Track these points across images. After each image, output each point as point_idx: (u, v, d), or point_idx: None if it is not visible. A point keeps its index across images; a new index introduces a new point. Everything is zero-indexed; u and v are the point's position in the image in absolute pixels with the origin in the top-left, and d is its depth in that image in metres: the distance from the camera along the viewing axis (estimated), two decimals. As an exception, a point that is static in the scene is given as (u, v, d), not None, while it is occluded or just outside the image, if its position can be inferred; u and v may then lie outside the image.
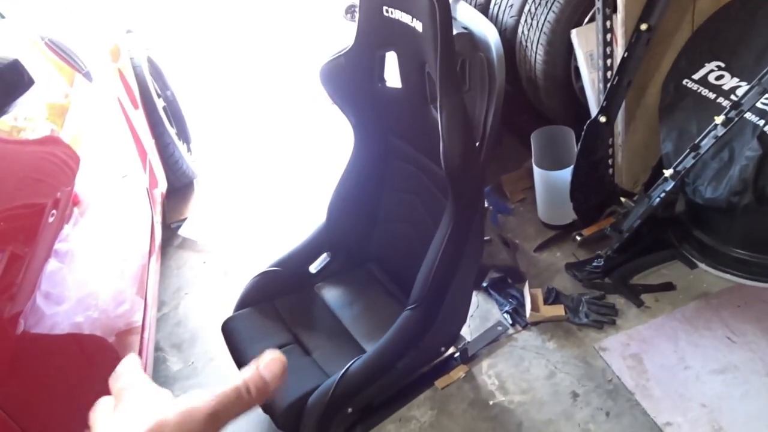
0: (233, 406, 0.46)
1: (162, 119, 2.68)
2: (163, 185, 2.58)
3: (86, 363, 1.43)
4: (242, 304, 1.74)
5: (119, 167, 2.02)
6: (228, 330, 1.67)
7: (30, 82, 1.14)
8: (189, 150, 3.08)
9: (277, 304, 1.76)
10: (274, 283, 1.78)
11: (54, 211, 1.40)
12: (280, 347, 1.61)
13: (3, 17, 1.88)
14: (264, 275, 1.78)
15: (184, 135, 3.08)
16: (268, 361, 0.50)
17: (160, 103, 2.74)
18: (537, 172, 2.21)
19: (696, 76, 1.94)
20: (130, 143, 2.19)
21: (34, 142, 1.52)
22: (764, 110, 1.76)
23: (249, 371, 0.48)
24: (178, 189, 2.90)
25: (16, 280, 1.21)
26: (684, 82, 1.96)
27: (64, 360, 1.35)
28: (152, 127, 2.59)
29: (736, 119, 1.69)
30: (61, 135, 1.61)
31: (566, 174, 2.10)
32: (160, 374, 2.07)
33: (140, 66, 2.65)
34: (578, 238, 2.13)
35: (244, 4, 5.73)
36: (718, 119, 1.72)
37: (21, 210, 1.34)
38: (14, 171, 1.39)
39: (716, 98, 1.87)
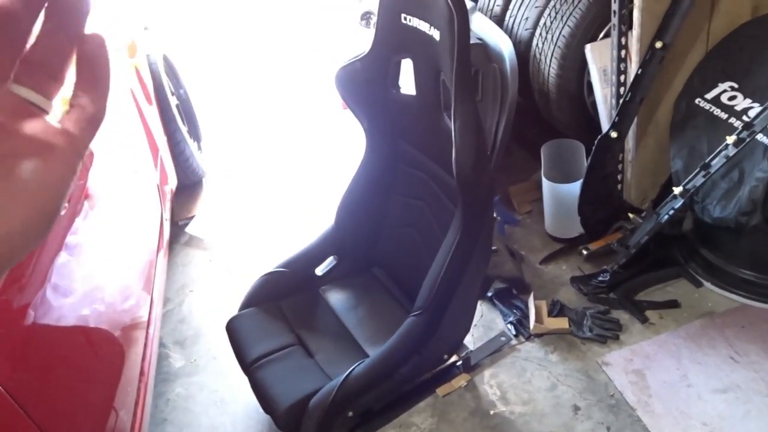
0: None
1: (175, 117, 2.70)
2: (173, 182, 2.59)
3: (91, 355, 1.44)
4: (247, 304, 1.75)
5: (131, 163, 2.03)
6: (232, 328, 1.68)
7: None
8: (199, 148, 3.10)
9: (282, 304, 1.76)
10: (280, 283, 1.79)
11: (65, 204, 1.42)
12: (283, 348, 1.62)
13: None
14: (270, 276, 1.79)
15: (195, 133, 3.10)
16: None
17: (173, 101, 2.76)
18: (546, 184, 2.22)
19: (708, 96, 1.95)
20: (142, 139, 2.21)
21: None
22: (775, 132, 1.77)
23: None
24: (188, 187, 2.92)
25: (27, 271, 1.22)
26: (696, 101, 1.97)
27: (70, 351, 1.36)
28: (165, 125, 2.61)
29: (748, 140, 1.69)
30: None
31: (575, 187, 2.11)
32: (162, 371, 2.08)
33: (156, 63, 2.67)
34: (584, 251, 2.13)
35: (260, 6, 5.76)
36: (730, 139, 1.72)
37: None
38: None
39: (728, 118, 1.87)
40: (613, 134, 2.00)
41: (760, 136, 1.76)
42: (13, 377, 1.07)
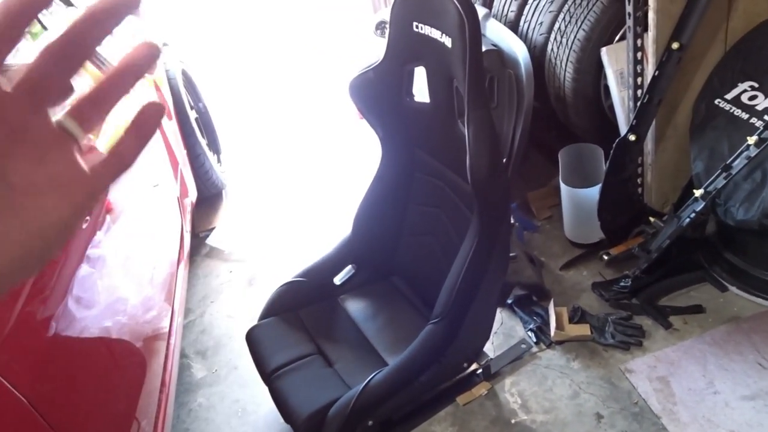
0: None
1: (194, 130, 2.74)
2: (193, 195, 2.62)
3: (114, 366, 1.46)
4: (267, 314, 1.76)
5: (152, 176, 2.06)
6: (252, 338, 1.69)
7: (71, 91, 1.18)
8: (219, 161, 3.14)
9: (301, 314, 1.77)
10: (299, 293, 1.80)
11: (87, 218, 1.44)
12: (302, 357, 1.62)
13: (46, 29, 1.95)
14: (289, 285, 1.80)
15: (214, 146, 3.14)
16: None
17: (192, 115, 2.80)
18: (564, 189, 2.20)
19: (728, 96, 1.92)
20: (162, 153, 2.24)
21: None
22: (799, 131, 1.73)
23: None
24: (208, 199, 2.95)
25: (49, 284, 1.25)
26: (716, 101, 1.94)
27: (93, 363, 1.38)
28: (184, 138, 2.65)
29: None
30: (95, 143, 1.66)
31: (594, 192, 2.09)
32: (184, 381, 2.10)
33: (175, 78, 2.71)
34: (605, 257, 2.11)
35: (276, 19, 5.83)
36: (751, 140, 1.69)
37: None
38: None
39: (749, 118, 1.84)
40: (632, 137, 1.98)
41: (782, 136, 1.72)
42: (36, 388, 1.09)
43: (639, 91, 1.99)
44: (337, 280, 1.90)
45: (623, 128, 2.09)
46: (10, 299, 1.11)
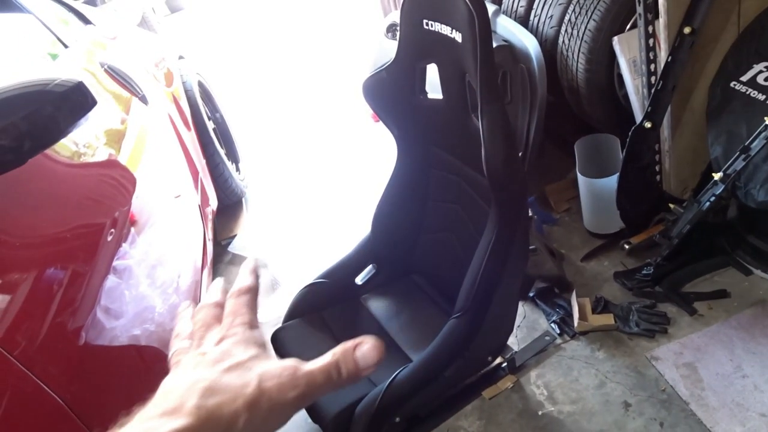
0: (320, 387, 0.46)
1: (212, 140, 2.78)
2: (213, 203, 2.67)
3: (145, 371, 1.49)
4: (291, 315, 1.78)
5: (173, 187, 2.10)
6: (277, 340, 1.71)
7: (93, 103, 1.21)
8: (238, 169, 3.18)
9: (324, 315, 1.79)
10: (322, 294, 1.82)
11: (112, 230, 1.48)
12: (328, 357, 1.64)
13: (67, 46, 2.00)
14: (311, 287, 1.82)
15: (233, 155, 3.19)
16: (366, 349, 0.47)
17: (210, 125, 2.84)
18: (582, 180, 2.19)
19: (744, 78, 1.90)
20: (182, 163, 2.28)
21: (93, 165, 1.61)
22: (818, 110, 1.71)
23: (344, 353, 0.47)
24: (228, 207, 2.99)
25: (78, 296, 1.28)
26: (732, 84, 1.92)
27: (125, 368, 1.42)
28: (203, 148, 2.69)
29: (787, 120, 1.64)
30: (118, 158, 1.70)
31: (612, 182, 2.08)
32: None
33: (192, 90, 2.76)
34: (626, 246, 2.10)
35: (287, 25, 5.89)
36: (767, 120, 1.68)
37: (82, 230, 1.41)
38: (75, 193, 1.47)
39: (766, 99, 1.82)
40: (647, 124, 1.97)
41: (800, 116, 1.71)
42: (72, 391, 1.12)
43: (653, 78, 1.98)
44: (359, 280, 1.92)
45: (639, 116, 2.08)
46: (40, 312, 1.15)
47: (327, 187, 3.12)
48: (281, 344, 1.69)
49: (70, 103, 1.14)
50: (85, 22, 2.43)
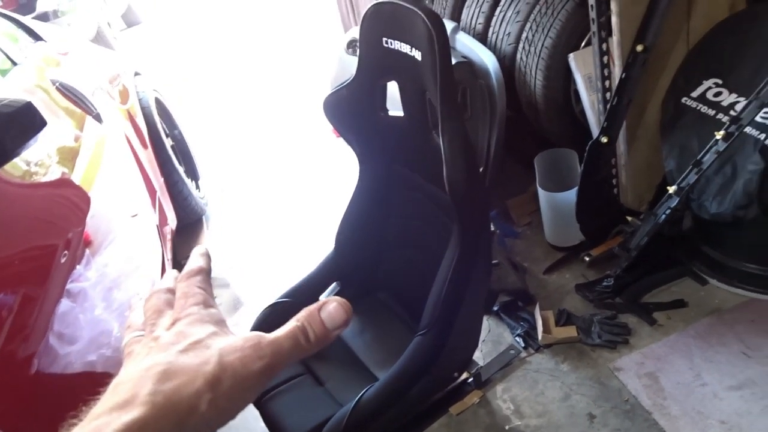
0: (288, 354, 0.43)
1: (171, 158, 2.73)
2: (173, 222, 2.61)
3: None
4: (254, 337, 1.74)
5: (130, 206, 2.05)
6: (240, 363, 1.67)
7: (42, 124, 1.17)
8: (197, 187, 3.13)
9: (288, 335, 1.76)
10: (285, 314, 1.76)
11: (66, 252, 1.43)
12: (292, 378, 1.61)
13: (16, 64, 1.94)
14: (275, 306, 1.79)
15: (192, 172, 3.13)
16: (332, 308, 0.46)
17: (168, 142, 2.79)
18: (542, 194, 2.22)
19: (694, 94, 1.97)
20: (139, 182, 2.23)
21: (45, 185, 1.56)
22: (764, 124, 1.78)
23: (309, 316, 0.45)
24: (188, 225, 2.93)
25: (29, 322, 1.23)
26: (683, 100, 1.99)
27: (81, 398, 1.36)
28: (161, 166, 2.63)
29: (737, 134, 1.70)
30: (72, 177, 1.65)
31: (571, 195, 2.12)
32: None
33: (149, 107, 2.71)
34: (587, 258, 2.13)
35: (251, 41, 5.85)
36: (719, 134, 1.74)
37: (33, 252, 1.36)
38: (26, 214, 1.42)
39: (715, 114, 1.89)
40: (604, 139, 2.02)
41: (748, 129, 1.77)
42: (21, 426, 1.07)
43: (608, 94, 2.03)
44: (323, 297, 1.89)
45: (595, 131, 2.13)
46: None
47: (290, 203, 3.09)
48: (244, 366, 1.65)
49: (18, 124, 1.10)
50: (36, 38, 2.36)
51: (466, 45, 2.24)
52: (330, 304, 0.45)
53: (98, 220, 1.68)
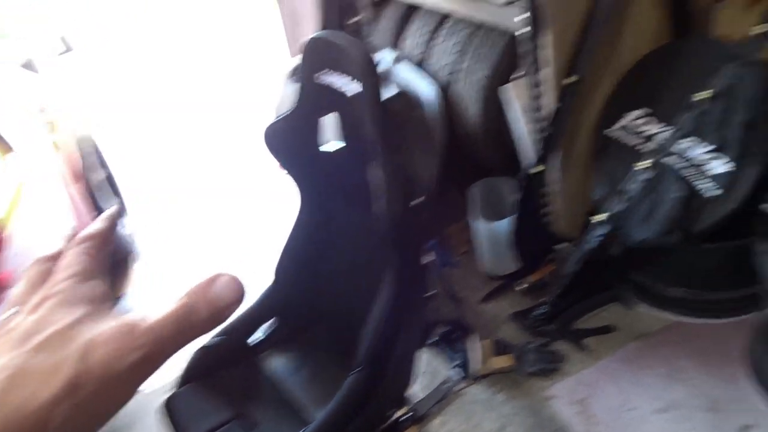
0: (173, 340, 0.38)
1: (99, 193, 2.64)
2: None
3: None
4: (185, 380, 1.68)
5: (54, 243, 1.96)
6: (169, 409, 1.61)
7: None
8: (125, 224, 3.03)
9: (221, 376, 1.71)
10: (219, 354, 1.73)
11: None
12: (225, 423, 1.55)
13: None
14: (207, 347, 1.73)
15: (121, 208, 3.03)
16: (224, 282, 0.41)
17: (97, 177, 2.70)
18: (476, 223, 2.25)
19: (618, 125, 2.04)
20: (67, 218, 2.15)
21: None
22: (683, 154, 1.86)
23: (196, 293, 0.40)
24: (117, 263, 2.83)
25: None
26: (608, 130, 2.06)
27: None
28: (90, 201, 2.55)
29: (657, 163, 1.78)
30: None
31: (505, 224, 2.15)
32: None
33: (79, 142, 2.62)
34: (522, 286, 2.17)
35: (193, 67, 5.76)
36: (641, 165, 1.81)
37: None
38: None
39: (637, 145, 1.97)
40: (538, 169, 2.07)
41: (669, 159, 1.85)
42: None
43: (541, 124, 2.09)
44: (260, 334, 1.85)
45: (530, 160, 2.18)
46: None
47: (226, 236, 3.03)
48: (173, 413, 1.59)
49: None
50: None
51: (405, 75, 2.28)
52: (221, 277, 0.41)
53: (19, 260, 1.61)
